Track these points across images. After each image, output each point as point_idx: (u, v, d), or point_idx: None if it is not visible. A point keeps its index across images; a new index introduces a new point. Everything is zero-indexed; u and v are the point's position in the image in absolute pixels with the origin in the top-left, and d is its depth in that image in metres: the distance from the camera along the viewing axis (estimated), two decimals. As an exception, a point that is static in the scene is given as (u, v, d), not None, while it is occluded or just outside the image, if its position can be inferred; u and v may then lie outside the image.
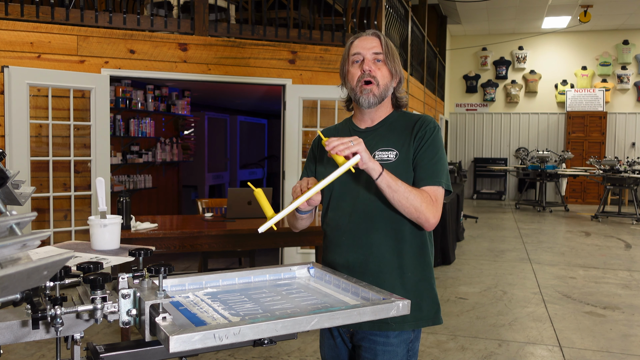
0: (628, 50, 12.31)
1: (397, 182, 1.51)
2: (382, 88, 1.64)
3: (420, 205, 1.52)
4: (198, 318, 1.20)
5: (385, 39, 1.67)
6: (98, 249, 1.78)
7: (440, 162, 1.61)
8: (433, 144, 1.61)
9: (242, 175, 9.91)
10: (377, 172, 1.49)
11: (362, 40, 1.66)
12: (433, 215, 1.55)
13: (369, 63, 1.63)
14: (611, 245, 7.33)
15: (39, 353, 3.38)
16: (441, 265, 5.92)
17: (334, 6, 5.62)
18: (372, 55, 1.63)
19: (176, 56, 4.78)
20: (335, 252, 1.69)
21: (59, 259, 0.82)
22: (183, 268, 5.63)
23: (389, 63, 1.64)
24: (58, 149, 4.47)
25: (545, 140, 12.87)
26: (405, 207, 1.53)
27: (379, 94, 1.64)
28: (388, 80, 1.65)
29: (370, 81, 1.62)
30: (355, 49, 1.65)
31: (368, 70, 1.62)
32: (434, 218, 1.55)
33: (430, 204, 1.55)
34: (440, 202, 1.58)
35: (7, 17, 4.31)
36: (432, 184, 1.58)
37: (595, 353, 3.56)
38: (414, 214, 1.54)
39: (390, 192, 1.51)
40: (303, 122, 5.17)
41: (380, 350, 1.61)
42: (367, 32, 1.69)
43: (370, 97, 1.63)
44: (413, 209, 1.52)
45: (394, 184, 1.50)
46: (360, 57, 1.64)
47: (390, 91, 1.68)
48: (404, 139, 1.63)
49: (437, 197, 1.57)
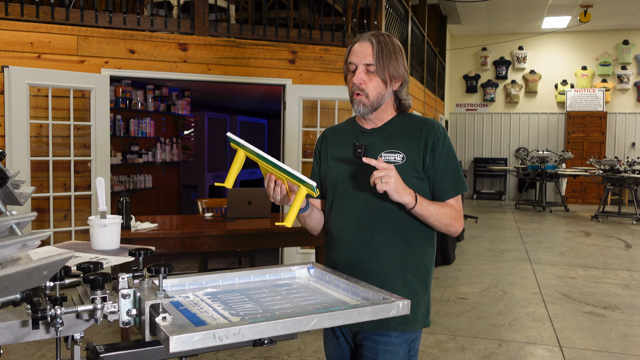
0: (628, 50, 12.31)
1: (428, 208, 1.58)
2: (373, 99, 1.63)
3: (450, 222, 1.62)
4: (198, 318, 1.20)
5: (380, 43, 1.61)
6: (98, 249, 1.78)
7: (457, 170, 1.67)
8: (449, 154, 1.65)
9: (242, 175, 9.92)
10: (412, 203, 1.54)
11: (357, 47, 1.64)
12: (460, 224, 1.66)
13: (360, 74, 1.62)
14: (611, 245, 7.33)
15: (39, 353, 3.38)
16: (441, 265, 5.92)
17: (334, 6, 5.62)
18: (363, 66, 1.62)
19: (176, 56, 4.78)
20: (338, 252, 1.69)
21: (59, 259, 0.82)
22: (183, 268, 5.62)
23: (380, 72, 1.61)
24: (58, 149, 4.47)
25: (545, 140, 12.87)
26: (437, 227, 1.63)
27: (370, 104, 1.63)
28: (380, 90, 1.63)
29: (359, 93, 1.62)
30: (351, 57, 1.64)
31: (358, 83, 1.62)
32: (460, 227, 1.67)
33: (457, 216, 1.65)
34: (462, 209, 1.69)
35: (7, 17, 4.31)
36: (455, 194, 1.65)
37: (595, 353, 3.56)
38: (445, 229, 1.64)
39: (425, 217, 1.59)
40: (303, 122, 5.17)
41: (381, 350, 1.62)
42: (364, 35, 1.65)
43: (361, 107, 1.64)
44: (444, 227, 1.63)
45: (427, 211, 1.58)
46: (353, 66, 1.63)
47: (387, 98, 1.66)
48: (410, 143, 1.64)
49: (460, 206, 1.67)
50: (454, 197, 1.64)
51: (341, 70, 5.22)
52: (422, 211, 1.56)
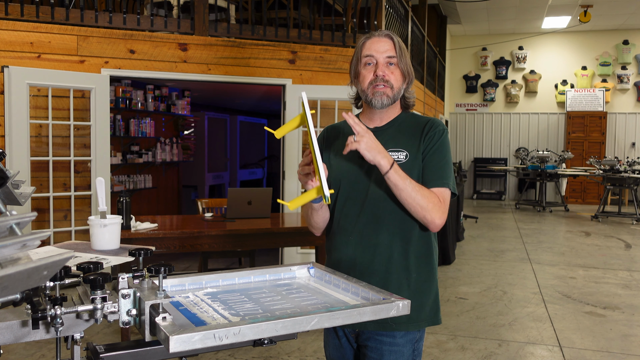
0: (628, 50, 12.31)
1: (405, 180, 1.52)
2: (396, 90, 1.65)
3: (427, 205, 1.54)
4: (198, 318, 1.20)
5: (398, 40, 1.66)
6: (98, 249, 1.78)
7: (447, 165, 1.63)
8: (441, 147, 1.63)
9: (242, 175, 9.92)
10: (386, 167, 1.50)
11: (374, 42, 1.65)
12: (439, 216, 1.56)
13: (383, 67, 1.63)
14: (611, 245, 7.33)
15: (39, 353, 3.38)
16: (441, 265, 5.92)
17: (334, 6, 5.62)
18: (385, 59, 1.63)
19: (176, 56, 4.78)
20: (341, 251, 1.69)
21: (59, 259, 0.82)
22: (183, 268, 5.62)
23: (402, 65, 1.65)
24: (58, 149, 4.47)
25: (545, 140, 12.87)
26: (412, 206, 1.54)
27: (393, 95, 1.65)
28: (401, 83, 1.66)
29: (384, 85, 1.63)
30: (368, 51, 1.65)
31: (382, 75, 1.62)
32: (439, 219, 1.56)
33: (437, 204, 1.56)
34: (446, 204, 1.59)
35: (7, 17, 4.31)
36: (440, 185, 1.59)
37: (595, 353, 3.56)
38: (420, 213, 1.55)
39: (397, 189, 1.52)
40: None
41: (386, 350, 1.62)
42: (379, 32, 1.67)
43: (384, 98, 1.63)
44: (419, 208, 1.54)
45: (402, 182, 1.51)
46: (373, 59, 1.64)
47: (402, 92, 1.69)
48: (413, 140, 1.64)
49: (444, 198, 1.59)
50: (439, 187, 1.59)
51: (341, 70, 5.26)
52: (395, 180, 1.51)
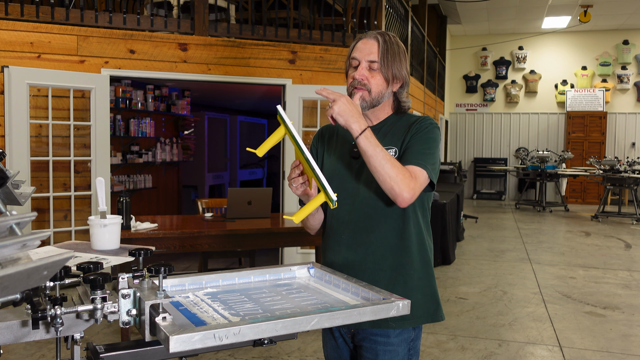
0: (628, 50, 12.31)
1: (376, 147, 1.47)
2: (375, 94, 1.63)
3: (396, 176, 1.46)
4: (198, 318, 1.20)
5: (386, 43, 1.63)
6: (98, 249, 1.78)
7: (430, 152, 1.57)
8: (426, 137, 1.59)
9: (242, 175, 9.91)
10: (357, 132, 1.47)
11: (362, 43, 1.65)
12: (408, 190, 1.47)
13: (361, 70, 1.62)
14: (611, 245, 7.33)
15: (39, 353, 3.38)
16: (441, 265, 5.92)
17: (334, 6, 5.62)
18: (366, 62, 1.62)
19: (176, 56, 4.78)
20: (334, 251, 1.69)
21: (59, 259, 0.82)
22: (183, 268, 5.62)
23: (384, 70, 1.62)
24: (58, 149, 4.47)
25: (545, 140, 12.87)
26: (380, 174, 1.47)
27: (370, 100, 1.63)
28: (382, 88, 1.64)
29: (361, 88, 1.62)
30: (354, 53, 1.65)
31: (359, 78, 1.62)
32: (407, 193, 1.47)
33: (408, 178, 1.48)
34: (419, 181, 1.52)
35: (7, 17, 4.31)
36: (416, 164, 1.54)
37: (595, 353, 3.56)
38: (388, 184, 1.47)
39: (366, 156, 1.48)
40: (303, 122, 5.17)
41: (381, 350, 1.62)
42: (370, 33, 1.67)
43: (361, 101, 1.63)
44: (387, 177, 1.46)
45: (372, 148, 1.47)
46: (356, 62, 1.64)
47: (386, 97, 1.67)
48: (403, 137, 1.64)
49: (417, 175, 1.51)
50: (415, 165, 1.53)
51: (342, 70, 5.25)
52: (365, 145, 1.46)
